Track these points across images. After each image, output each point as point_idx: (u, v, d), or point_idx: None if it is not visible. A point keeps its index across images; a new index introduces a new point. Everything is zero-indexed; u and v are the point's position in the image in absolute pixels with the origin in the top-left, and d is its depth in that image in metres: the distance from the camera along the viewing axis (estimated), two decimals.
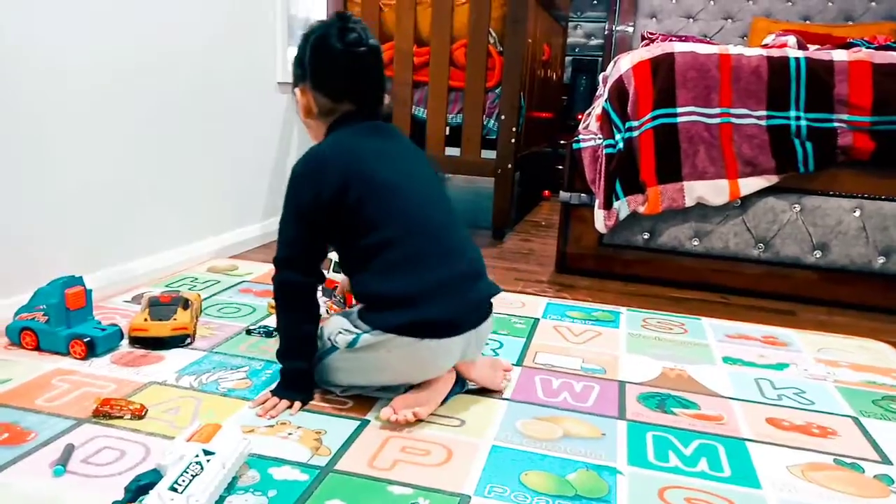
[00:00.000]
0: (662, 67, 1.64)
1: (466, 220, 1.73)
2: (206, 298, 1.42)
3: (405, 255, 0.93)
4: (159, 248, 1.62)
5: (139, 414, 0.91)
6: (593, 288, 1.71)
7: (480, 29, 2.07)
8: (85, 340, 1.08)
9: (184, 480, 0.70)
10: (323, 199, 0.94)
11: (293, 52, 1.07)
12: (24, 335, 1.11)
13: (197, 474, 0.71)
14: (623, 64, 1.71)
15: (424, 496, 0.77)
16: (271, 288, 0.99)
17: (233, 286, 1.54)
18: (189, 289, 1.48)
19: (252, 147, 2.00)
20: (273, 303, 1.00)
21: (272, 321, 1.28)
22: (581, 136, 1.78)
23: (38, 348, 1.11)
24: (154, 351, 1.14)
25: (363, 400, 0.99)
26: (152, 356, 1.12)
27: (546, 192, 3.27)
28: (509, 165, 2.12)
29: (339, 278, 1.31)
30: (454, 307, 0.93)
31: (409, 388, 0.97)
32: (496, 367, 1.08)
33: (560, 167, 2.17)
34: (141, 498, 0.69)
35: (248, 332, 1.25)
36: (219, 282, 1.57)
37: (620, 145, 1.69)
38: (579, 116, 2.54)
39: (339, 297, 1.33)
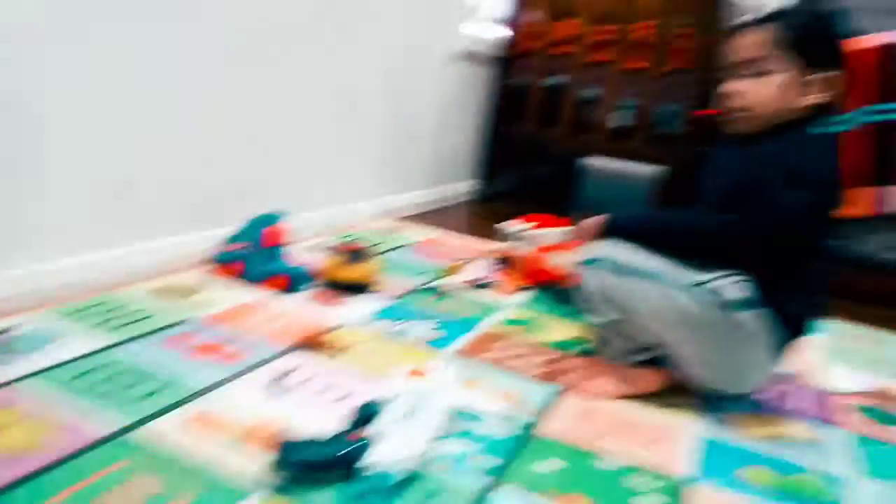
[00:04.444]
0: None
1: None
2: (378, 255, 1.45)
3: None
4: (327, 204, 1.69)
5: (342, 349, 0.94)
6: None
7: None
8: (285, 275, 1.14)
9: (404, 417, 0.71)
10: None
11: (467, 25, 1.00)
12: (231, 264, 1.19)
13: (415, 413, 0.72)
14: None
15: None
16: (436, 250, 0.95)
17: (399, 247, 1.57)
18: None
19: (421, 117, 2.04)
20: (452, 265, 0.98)
21: (447, 280, 1.30)
22: None
23: (241, 277, 1.18)
24: (344, 294, 1.18)
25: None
26: (342, 299, 1.16)
27: None
28: None
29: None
30: None
31: None
32: None
33: None
34: (364, 426, 0.71)
35: (427, 290, 1.27)
36: (383, 241, 1.61)
37: None
38: None
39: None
